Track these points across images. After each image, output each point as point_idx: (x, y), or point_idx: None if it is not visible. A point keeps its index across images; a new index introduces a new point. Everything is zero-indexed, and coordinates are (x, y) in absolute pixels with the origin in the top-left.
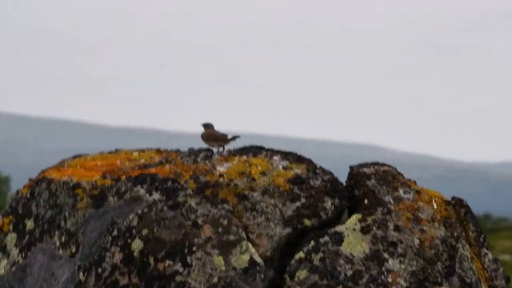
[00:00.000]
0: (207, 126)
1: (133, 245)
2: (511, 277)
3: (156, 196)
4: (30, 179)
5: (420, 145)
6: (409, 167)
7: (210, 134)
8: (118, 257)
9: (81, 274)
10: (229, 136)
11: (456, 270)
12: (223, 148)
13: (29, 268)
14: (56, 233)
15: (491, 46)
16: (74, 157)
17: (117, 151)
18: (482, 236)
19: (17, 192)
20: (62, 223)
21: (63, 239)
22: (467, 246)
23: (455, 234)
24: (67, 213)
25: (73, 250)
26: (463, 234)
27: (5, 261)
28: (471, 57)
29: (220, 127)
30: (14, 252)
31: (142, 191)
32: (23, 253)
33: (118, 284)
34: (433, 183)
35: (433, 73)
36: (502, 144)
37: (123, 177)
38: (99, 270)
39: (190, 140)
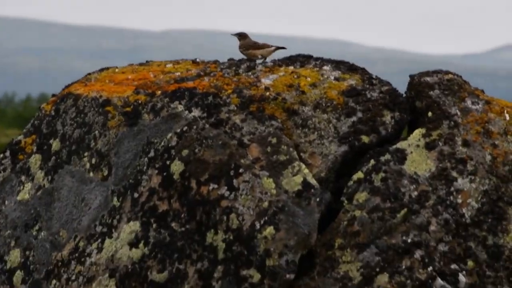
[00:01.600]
0: (243, 36)
1: (172, 167)
2: None
3: (196, 112)
4: (53, 95)
5: (388, 39)
6: (377, 61)
7: (251, 43)
8: (156, 180)
9: (115, 199)
10: (272, 46)
11: None
12: (265, 59)
13: (57, 192)
14: (86, 154)
15: None
16: (101, 70)
17: (148, 63)
18: None
19: (40, 109)
20: (92, 143)
21: (93, 161)
22: None
23: None
24: (97, 132)
25: (105, 173)
26: None
27: (29, 185)
28: None
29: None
30: (39, 175)
31: (180, 108)
32: (49, 177)
33: (157, 210)
34: (400, 77)
35: None
36: (464, 37)
37: (159, 92)
38: (135, 194)
39: (157, 39)
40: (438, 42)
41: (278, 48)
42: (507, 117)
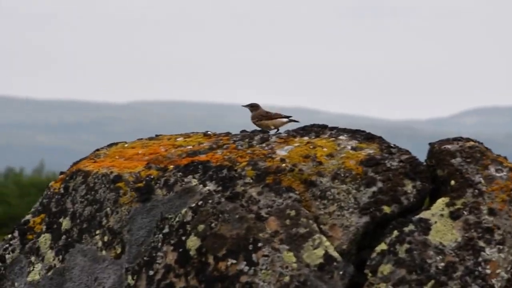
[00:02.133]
0: (254, 107)
1: (188, 243)
2: None
3: (211, 186)
4: (61, 172)
5: (352, 106)
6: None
7: (264, 113)
8: (171, 257)
9: (129, 277)
10: (285, 118)
11: None
12: (278, 129)
13: (68, 272)
14: (98, 232)
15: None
16: (110, 145)
17: (157, 137)
18: None
19: (48, 187)
20: (104, 221)
21: (105, 238)
22: None
23: None
24: (108, 210)
25: (118, 250)
26: None
27: (39, 266)
28: (395, 19)
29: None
30: (50, 255)
31: (194, 182)
32: (60, 256)
33: None
34: None
35: (359, 36)
36: (428, 102)
37: (171, 167)
38: (151, 272)
39: (120, 111)
40: (401, 108)
41: (290, 120)
42: None
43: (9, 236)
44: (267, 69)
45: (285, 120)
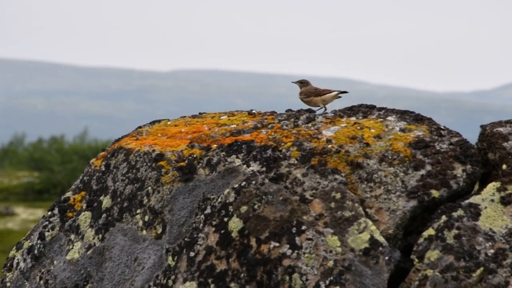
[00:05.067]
0: (304, 83)
1: (230, 224)
2: None
3: (254, 167)
4: (103, 149)
5: (393, 77)
6: (383, 99)
7: (312, 90)
8: (213, 238)
9: (170, 258)
10: (334, 91)
11: None
12: (325, 108)
13: (108, 251)
14: (138, 211)
15: None
16: (152, 123)
17: (201, 115)
18: None
19: (89, 164)
20: (145, 200)
21: (146, 218)
22: None
23: None
24: (150, 188)
25: (159, 230)
26: None
27: (78, 244)
28: None
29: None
30: (90, 233)
31: (238, 162)
32: (100, 235)
33: (215, 270)
34: None
35: (402, 7)
36: (473, 74)
37: (214, 146)
38: (191, 253)
39: (164, 79)
40: (444, 79)
41: (340, 92)
42: None
43: (49, 213)
44: (310, 40)
45: (334, 93)
